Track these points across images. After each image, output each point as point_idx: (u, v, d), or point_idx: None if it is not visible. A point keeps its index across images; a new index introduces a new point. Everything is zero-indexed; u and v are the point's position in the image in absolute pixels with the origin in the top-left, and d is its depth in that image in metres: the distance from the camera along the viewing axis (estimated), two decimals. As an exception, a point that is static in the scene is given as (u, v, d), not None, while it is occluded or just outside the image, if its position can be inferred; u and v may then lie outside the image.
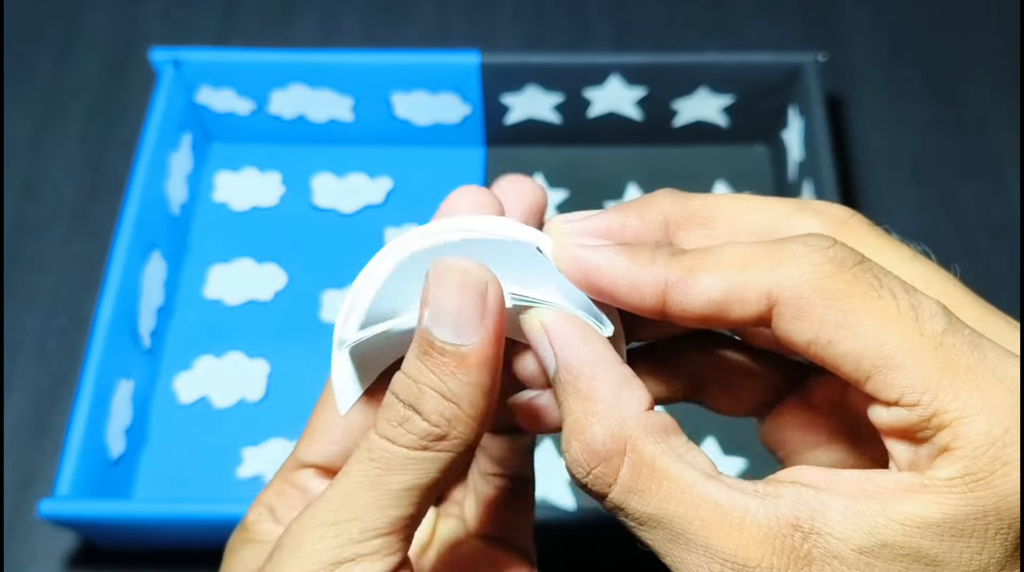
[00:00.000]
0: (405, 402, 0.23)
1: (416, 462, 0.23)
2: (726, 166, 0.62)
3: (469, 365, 0.23)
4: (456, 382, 0.23)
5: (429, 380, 0.23)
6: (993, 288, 0.57)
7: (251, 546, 0.27)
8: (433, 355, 0.23)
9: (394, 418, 0.23)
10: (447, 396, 0.23)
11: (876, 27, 0.68)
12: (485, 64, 0.58)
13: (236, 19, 0.69)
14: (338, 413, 0.27)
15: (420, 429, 0.23)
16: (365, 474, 0.23)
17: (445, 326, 0.23)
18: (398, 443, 0.23)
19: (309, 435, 0.28)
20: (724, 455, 0.52)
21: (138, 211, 0.53)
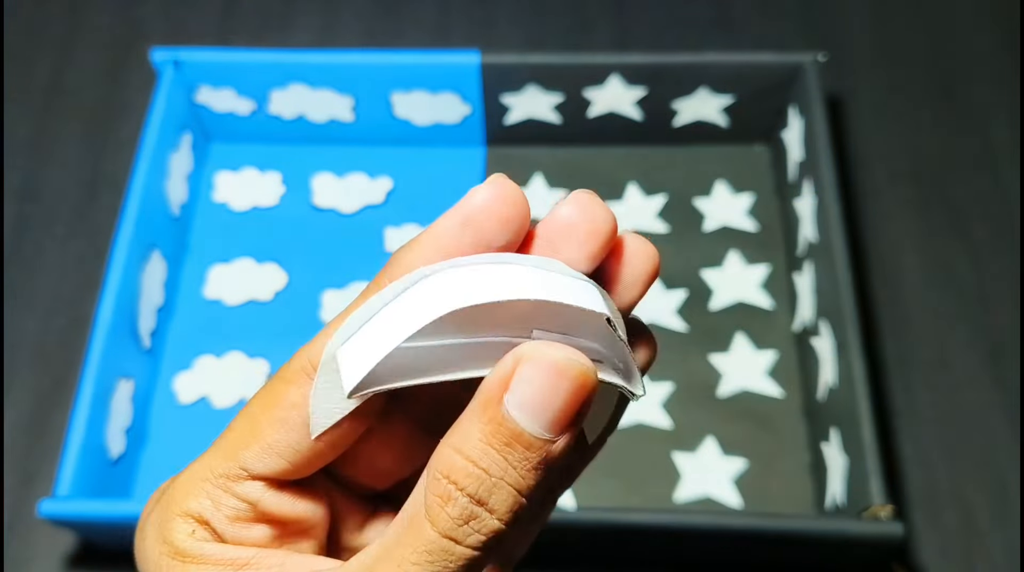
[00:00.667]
0: (473, 497, 0.20)
1: (473, 562, 0.20)
2: (726, 166, 0.62)
3: (549, 461, 0.20)
4: (534, 478, 0.20)
5: (507, 475, 0.20)
6: (993, 288, 0.57)
7: (192, 569, 0.23)
8: (516, 448, 0.20)
9: (459, 516, 0.20)
10: (522, 492, 0.20)
11: (876, 27, 0.68)
12: (485, 64, 0.58)
13: (236, 19, 0.69)
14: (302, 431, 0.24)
15: (490, 529, 0.20)
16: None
17: (539, 421, 0.20)
18: (464, 544, 0.20)
19: (263, 446, 0.24)
20: (724, 455, 0.52)
21: (138, 211, 0.53)
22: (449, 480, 0.20)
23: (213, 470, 0.24)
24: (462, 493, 0.20)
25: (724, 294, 0.57)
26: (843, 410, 0.47)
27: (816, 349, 0.51)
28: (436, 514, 0.20)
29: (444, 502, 0.20)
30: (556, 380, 0.20)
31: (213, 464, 0.24)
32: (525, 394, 0.20)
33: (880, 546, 0.43)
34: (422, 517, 0.20)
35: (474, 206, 0.22)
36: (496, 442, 0.20)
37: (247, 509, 0.24)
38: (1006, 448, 0.52)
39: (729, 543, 0.45)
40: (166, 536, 0.24)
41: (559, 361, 0.20)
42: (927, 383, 0.54)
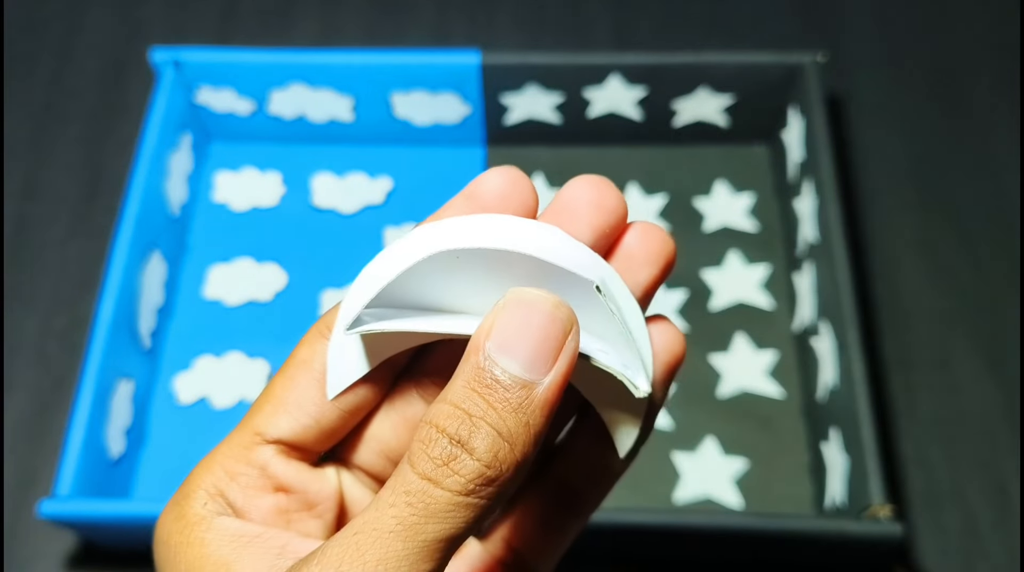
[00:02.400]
0: (453, 437, 0.20)
1: (458, 509, 0.20)
2: (726, 166, 0.62)
3: (533, 405, 0.20)
4: (515, 421, 0.20)
5: (487, 415, 0.20)
6: (993, 288, 0.57)
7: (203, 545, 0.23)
8: (495, 389, 0.20)
9: (438, 456, 0.20)
10: (503, 435, 0.20)
11: (876, 27, 0.68)
12: (485, 64, 0.58)
13: (236, 19, 0.69)
14: (312, 388, 0.24)
15: (470, 470, 0.20)
16: (400, 521, 0.20)
17: (517, 359, 0.20)
18: (442, 485, 0.20)
19: (276, 406, 0.24)
20: (724, 455, 0.52)
21: (138, 211, 0.53)
22: (431, 424, 0.20)
23: (229, 444, 0.25)
24: (442, 434, 0.20)
25: (724, 294, 0.57)
26: (843, 410, 0.47)
27: (816, 349, 0.51)
28: (417, 457, 0.20)
29: (425, 445, 0.20)
30: (529, 316, 0.21)
31: (229, 440, 0.25)
32: (503, 335, 0.20)
33: (880, 546, 0.43)
34: (404, 464, 0.21)
35: (482, 188, 0.23)
36: (478, 385, 0.20)
37: (257, 475, 0.24)
38: (1006, 448, 0.52)
39: (729, 543, 0.45)
40: (181, 511, 0.24)
41: (532, 297, 0.21)
42: (927, 383, 0.54)
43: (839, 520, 0.44)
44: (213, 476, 0.24)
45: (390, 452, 0.26)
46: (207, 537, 0.23)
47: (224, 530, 0.23)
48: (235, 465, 0.24)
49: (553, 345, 0.21)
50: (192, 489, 0.24)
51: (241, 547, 0.23)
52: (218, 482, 0.24)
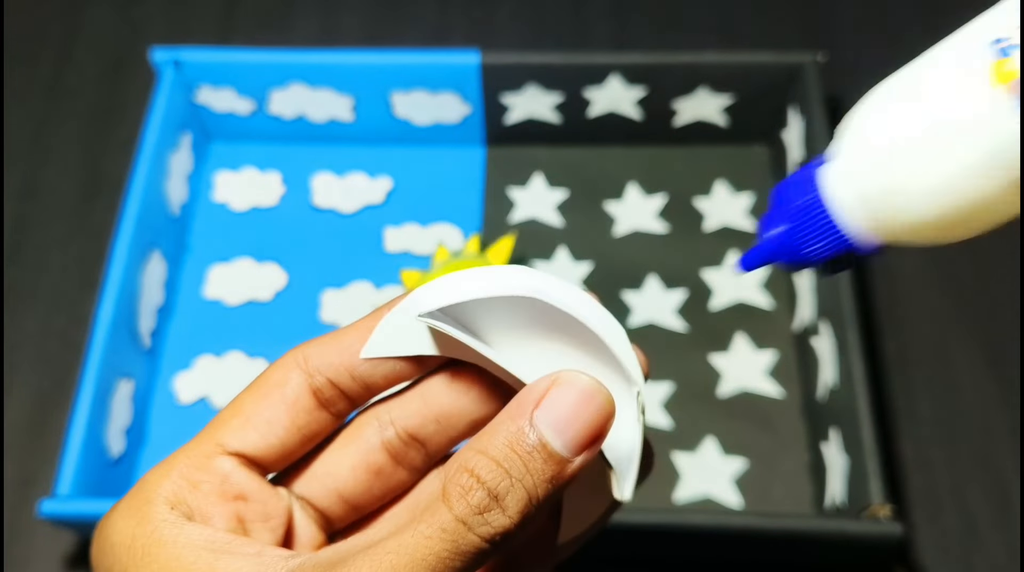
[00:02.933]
0: (492, 491, 0.22)
1: (480, 554, 0.22)
2: (726, 166, 0.62)
3: (561, 480, 0.22)
4: (544, 491, 0.22)
5: (524, 479, 0.22)
6: (993, 288, 0.57)
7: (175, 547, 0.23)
8: (535, 458, 0.22)
9: (476, 505, 0.22)
10: (532, 500, 0.22)
11: (876, 27, 0.68)
12: (485, 64, 0.58)
13: (236, 19, 0.69)
14: (282, 409, 0.26)
15: (500, 524, 0.22)
16: (436, 555, 0.21)
17: (561, 438, 0.22)
18: (474, 531, 0.22)
19: (244, 422, 0.26)
20: (724, 455, 0.52)
21: (138, 211, 0.53)
22: (471, 474, 0.22)
23: (188, 453, 0.26)
24: (482, 486, 0.22)
25: (724, 294, 0.57)
26: (843, 410, 0.47)
27: (816, 349, 0.51)
28: (456, 500, 0.22)
29: (464, 492, 0.22)
30: (583, 404, 0.22)
31: (188, 449, 0.26)
32: (554, 411, 0.22)
33: (880, 546, 0.43)
34: (439, 502, 0.22)
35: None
36: (520, 449, 0.22)
37: (219, 483, 0.25)
38: (1006, 448, 0.52)
39: (729, 543, 0.45)
40: (143, 516, 0.24)
41: (589, 386, 0.23)
42: (927, 383, 0.54)
43: (839, 520, 0.44)
44: (173, 483, 0.25)
45: (345, 492, 0.27)
46: (179, 541, 0.24)
47: (196, 536, 0.24)
48: (196, 473, 0.25)
49: (593, 435, 0.23)
50: (152, 495, 0.25)
51: (218, 551, 0.23)
52: (179, 490, 0.25)
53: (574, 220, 0.60)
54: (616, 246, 0.59)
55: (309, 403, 0.26)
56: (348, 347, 0.26)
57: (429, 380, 0.27)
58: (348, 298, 0.57)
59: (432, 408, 0.27)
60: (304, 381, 0.26)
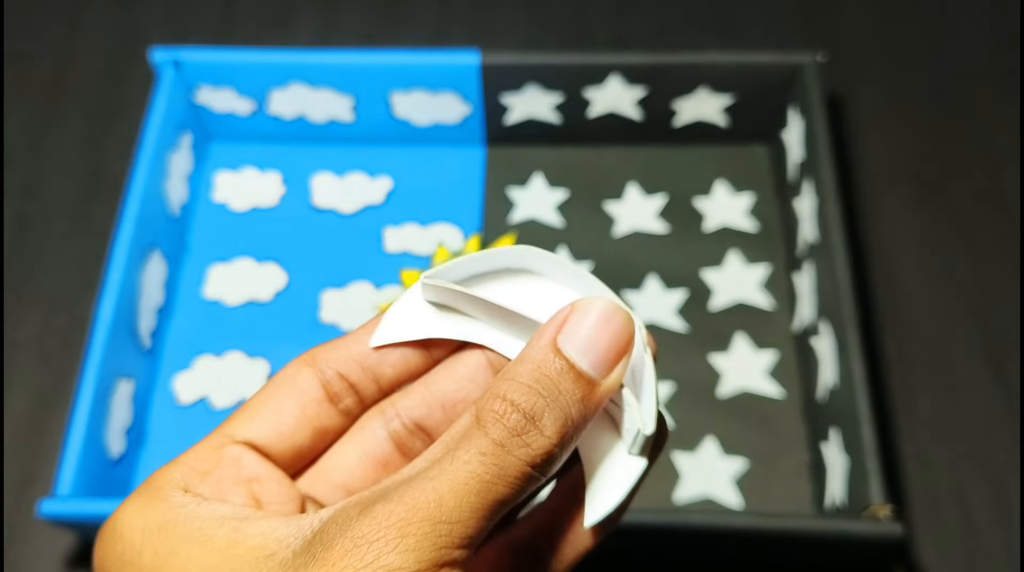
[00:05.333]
0: (527, 413, 0.22)
1: (522, 479, 0.22)
2: (726, 166, 0.62)
3: (592, 400, 0.22)
4: (578, 411, 0.22)
5: (560, 400, 0.22)
6: (993, 288, 0.57)
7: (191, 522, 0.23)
8: (565, 378, 0.22)
9: (513, 427, 0.21)
10: (570, 421, 0.22)
11: (876, 27, 0.68)
12: (485, 64, 0.58)
13: (236, 19, 0.69)
14: (292, 401, 0.26)
15: (540, 445, 0.22)
16: (478, 478, 0.21)
17: (587, 358, 0.22)
18: (514, 453, 0.21)
19: (251, 414, 0.26)
20: (724, 455, 0.52)
21: (138, 211, 0.53)
22: (504, 400, 0.22)
23: (196, 448, 0.25)
24: (516, 409, 0.22)
25: (724, 294, 0.57)
26: (843, 410, 0.47)
27: (816, 349, 0.51)
28: (492, 425, 0.21)
29: (500, 416, 0.22)
30: (603, 325, 0.23)
31: (196, 446, 0.25)
32: (576, 335, 0.23)
33: (880, 546, 0.43)
34: (475, 428, 0.22)
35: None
36: (551, 371, 0.22)
37: (231, 467, 0.25)
38: (1006, 448, 0.52)
39: (729, 543, 0.45)
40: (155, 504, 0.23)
41: (606, 308, 0.23)
42: (927, 383, 0.54)
43: (839, 520, 0.44)
44: (183, 473, 0.24)
45: (353, 487, 0.27)
46: (201, 514, 0.23)
47: (217, 509, 0.23)
48: (206, 463, 0.25)
49: (618, 353, 0.23)
50: (163, 483, 0.24)
51: (242, 518, 0.23)
52: (190, 478, 0.24)
53: (574, 220, 0.60)
54: (616, 246, 0.59)
55: (319, 395, 0.26)
56: (356, 341, 0.26)
57: (433, 370, 0.27)
58: (348, 298, 0.57)
59: (437, 395, 0.26)
60: (314, 375, 0.26)
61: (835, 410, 0.48)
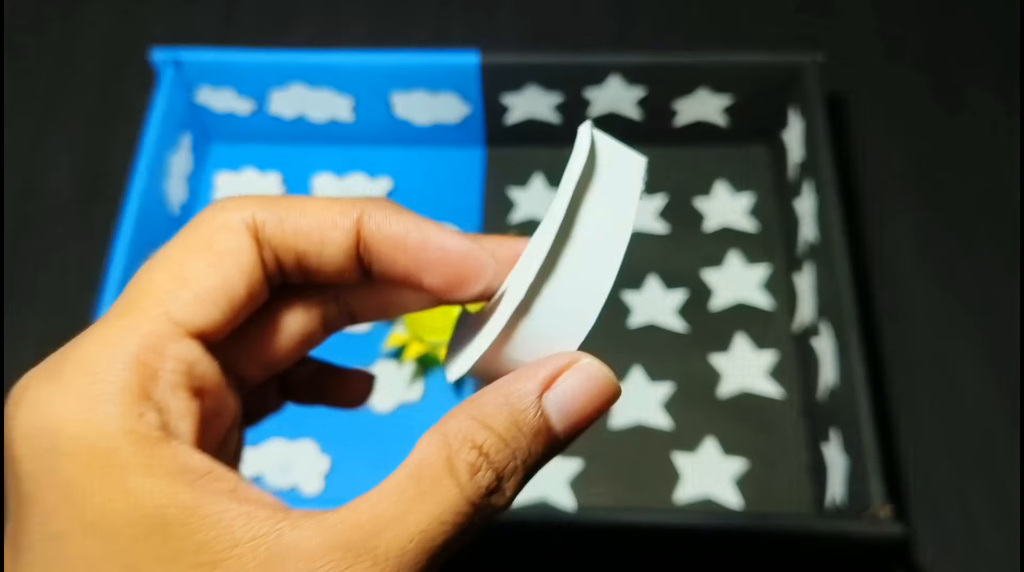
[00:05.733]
0: (498, 472, 0.21)
1: (471, 530, 0.21)
2: (726, 166, 0.62)
3: (553, 454, 0.22)
4: (539, 464, 0.22)
5: (527, 458, 0.22)
6: (993, 288, 0.57)
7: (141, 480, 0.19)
8: (540, 438, 0.22)
9: (487, 485, 0.21)
10: (527, 476, 0.22)
11: (876, 27, 0.68)
12: (485, 64, 0.58)
13: (236, 19, 0.69)
14: (241, 281, 0.22)
15: (500, 504, 0.21)
16: (445, 534, 0.20)
17: (565, 421, 0.22)
18: (480, 512, 0.21)
19: (195, 293, 0.22)
20: (724, 455, 0.52)
21: (138, 211, 0.53)
22: (480, 452, 0.21)
23: (138, 330, 0.21)
24: (491, 467, 0.21)
25: (724, 294, 0.57)
26: (843, 410, 0.47)
27: (816, 349, 0.51)
28: (466, 479, 0.20)
29: (474, 470, 0.21)
30: (594, 394, 0.22)
31: (135, 323, 0.21)
32: (564, 396, 0.22)
33: (880, 546, 0.43)
34: (448, 479, 0.20)
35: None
36: (526, 428, 0.21)
37: (184, 374, 0.21)
38: (1006, 448, 0.52)
39: (729, 543, 0.45)
40: (100, 423, 0.19)
41: (602, 376, 0.22)
42: (927, 383, 0.54)
43: (839, 520, 0.44)
44: (133, 372, 0.20)
45: (272, 361, 0.25)
46: (152, 467, 0.19)
47: (169, 460, 0.19)
48: (156, 359, 0.21)
49: (592, 421, 0.22)
50: (108, 385, 0.20)
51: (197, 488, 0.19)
52: (141, 381, 0.20)
53: (574, 220, 0.60)
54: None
55: (260, 275, 0.23)
56: (308, 229, 0.23)
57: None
58: (348, 298, 0.57)
59: (385, 298, 0.26)
60: (256, 252, 0.23)
61: (835, 410, 0.48)
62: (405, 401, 0.54)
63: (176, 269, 0.22)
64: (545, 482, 0.51)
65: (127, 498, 0.19)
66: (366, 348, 0.55)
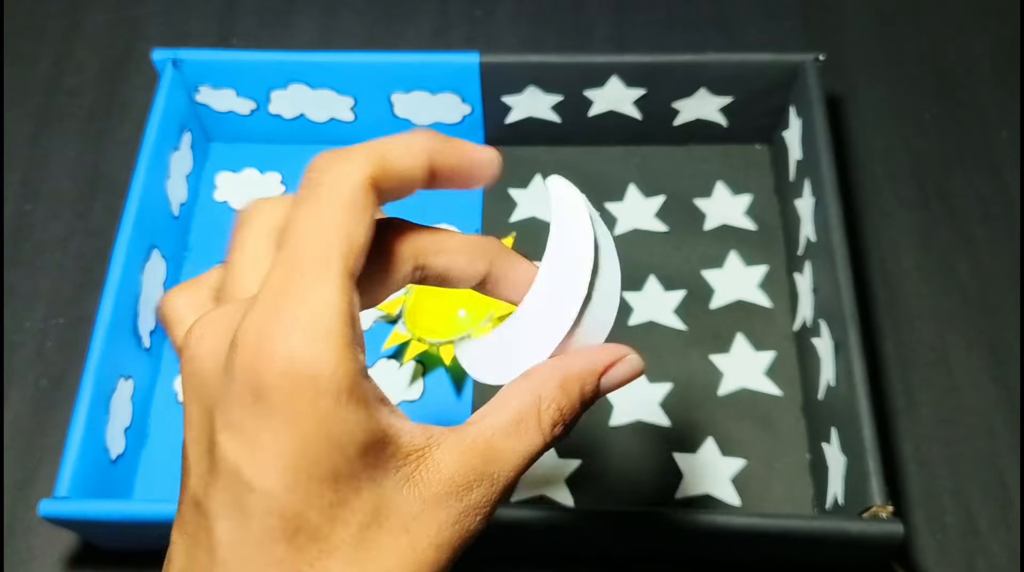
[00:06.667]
0: (565, 425, 0.28)
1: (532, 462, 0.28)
2: (726, 166, 0.62)
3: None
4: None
5: (578, 414, 0.29)
6: (993, 288, 0.57)
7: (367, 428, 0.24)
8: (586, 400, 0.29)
9: (557, 434, 0.28)
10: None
11: (876, 27, 0.68)
12: (485, 64, 0.58)
13: (236, 19, 0.69)
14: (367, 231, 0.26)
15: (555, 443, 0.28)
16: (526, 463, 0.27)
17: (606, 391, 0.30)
18: (545, 443, 0.28)
19: (356, 254, 0.25)
20: (724, 455, 0.52)
21: (138, 211, 0.53)
22: (560, 412, 0.28)
23: (342, 282, 0.25)
24: (562, 421, 0.28)
25: (724, 294, 0.57)
26: (843, 410, 0.47)
27: (816, 349, 0.51)
28: (547, 431, 0.28)
29: (554, 424, 0.28)
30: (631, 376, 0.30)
31: (335, 276, 0.25)
32: (612, 378, 0.30)
33: (880, 546, 0.43)
34: (535, 427, 0.28)
35: None
36: (585, 396, 0.29)
37: (361, 340, 0.26)
38: (1006, 448, 0.52)
39: (729, 543, 0.45)
40: (336, 356, 0.23)
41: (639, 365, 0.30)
42: (927, 383, 0.54)
43: (839, 520, 0.44)
44: (346, 316, 0.24)
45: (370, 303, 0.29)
46: (367, 396, 0.24)
47: (373, 392, 0.25)
48: (353, 308, 0.25)
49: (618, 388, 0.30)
50: (334, 324, 0.24)
51: (386, 411, 0.25)
52: (352, 325, 0.25)
53: (574, 220, 0.60)
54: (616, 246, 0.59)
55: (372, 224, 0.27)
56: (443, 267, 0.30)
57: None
58: (348, 298, 0.57)
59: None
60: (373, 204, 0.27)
61: (835, 410, 0.48)
62: (405, 400, 0.54)
63: (342, 228, 0.25)
64: (544, 481, 0.51)
65: (346, 424, 0.23)
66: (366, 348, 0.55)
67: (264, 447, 0.23)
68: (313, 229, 0.25)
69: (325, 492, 0.23)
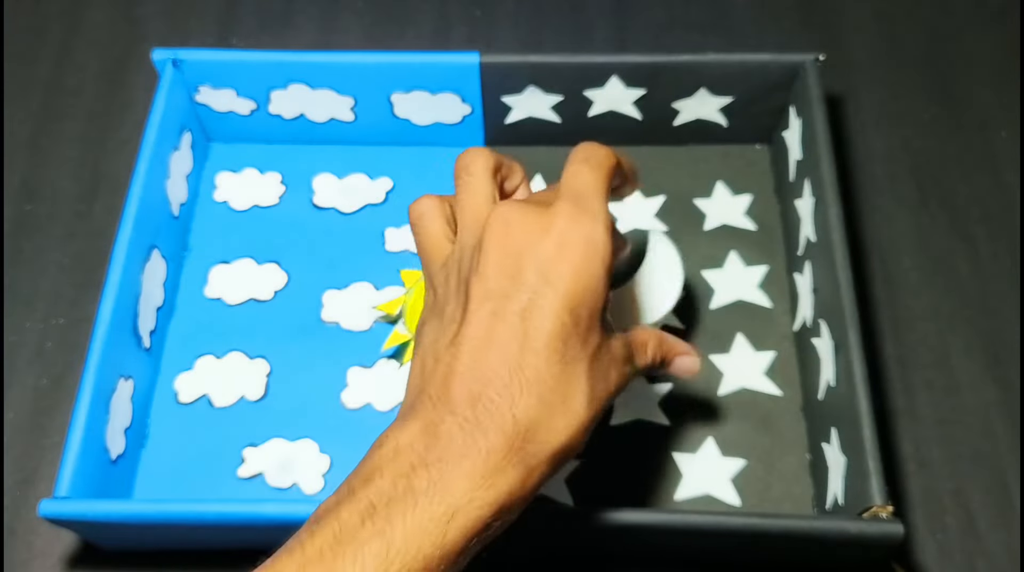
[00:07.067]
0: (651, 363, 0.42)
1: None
2: (726, 166, 0.62)
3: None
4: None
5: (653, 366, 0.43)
6: (993, 288, 0.57)
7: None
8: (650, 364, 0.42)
9: (647, 364, 0.41)
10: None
11: (876, 27, 0.68)
12: (485, 64, 0.58)
13: (236, 19, 0.69)
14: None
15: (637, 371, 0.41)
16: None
17: (666, 364, 0.43)
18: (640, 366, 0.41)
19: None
20: (724, 455, 0.52)
21: (138, 211, 0.53)
22: (653, 356, 0.42)
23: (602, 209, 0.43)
24: (652, 360, 0.42)
25: (724, 294, 0.57)
26: (843, 410, 0.47)
27: (816, 349, 0.51)
28: (640, 358, 0.41)
29: (645, 358, 0.41)
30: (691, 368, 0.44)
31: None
32: (679, 365, 0.43)
33: (880, 546, 0.43)
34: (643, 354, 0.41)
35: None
36: (662, 361, 0.43)
37: None
38: (1006, 448, 0.52)
39: (729, 543, 0.45)
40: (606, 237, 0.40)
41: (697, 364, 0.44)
42: (927, 383, 0.54)
43: (839, 520, 0.44)
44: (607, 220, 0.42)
45: None
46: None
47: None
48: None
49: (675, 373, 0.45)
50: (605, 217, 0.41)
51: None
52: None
53: (574, 220, 0.60)
54: (616, 246, 0.59)
55: None
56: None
57: None
58: (348, 298, 0.57)
59: None
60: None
61: (835, 410, 0.48)
62: (405, 401, 0.54)
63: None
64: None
65: (605, 290, 0.38)
66: (366, 348, 0.55)
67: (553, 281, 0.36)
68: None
69: (582, 322, 0.36)
